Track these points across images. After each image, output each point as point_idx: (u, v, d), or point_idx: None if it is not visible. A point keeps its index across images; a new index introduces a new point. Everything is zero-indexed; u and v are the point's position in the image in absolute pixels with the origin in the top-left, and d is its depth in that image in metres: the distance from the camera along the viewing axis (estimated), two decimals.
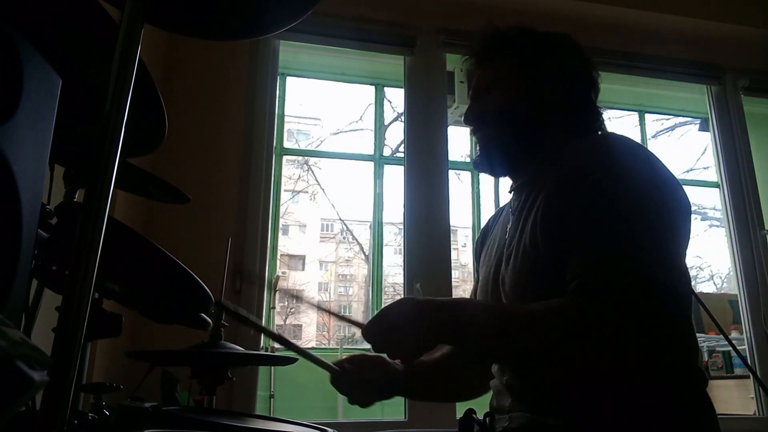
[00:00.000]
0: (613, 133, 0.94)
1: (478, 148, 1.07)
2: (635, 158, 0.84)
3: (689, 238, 0.84)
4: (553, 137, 0.99)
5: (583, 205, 0.80)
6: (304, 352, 0.97)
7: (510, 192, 1.08)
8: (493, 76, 1.05)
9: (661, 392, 0.77)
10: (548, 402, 0.85)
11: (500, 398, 0.95)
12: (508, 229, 1.00)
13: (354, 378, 1.01)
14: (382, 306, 2.75)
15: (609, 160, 0.83)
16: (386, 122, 3.80)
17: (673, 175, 0.85)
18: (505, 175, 1.09)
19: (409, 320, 0.80)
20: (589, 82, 1.04)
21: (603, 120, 1.04)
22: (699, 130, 3.39)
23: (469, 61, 1.10)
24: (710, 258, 5.61)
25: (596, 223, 0.78)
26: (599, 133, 1.02)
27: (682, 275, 0.79)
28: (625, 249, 0.75)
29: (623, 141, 0.87)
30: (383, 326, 0.82)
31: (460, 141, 3.20)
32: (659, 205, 0.80)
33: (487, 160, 1.05)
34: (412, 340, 0.80)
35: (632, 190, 0.79)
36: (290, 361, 1.13)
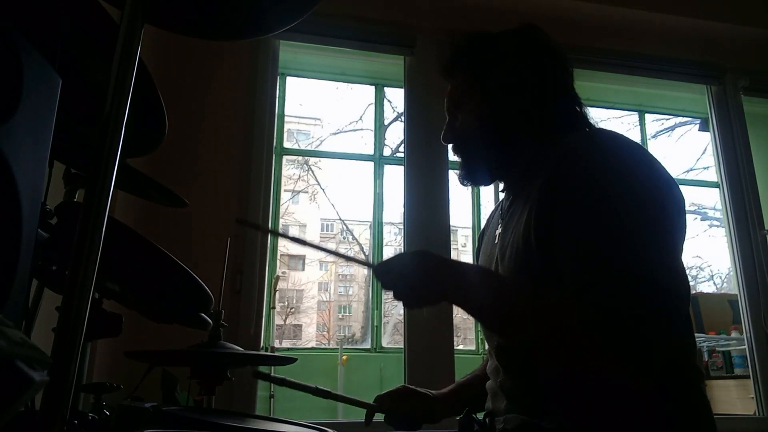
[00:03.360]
0: (604, 129, 0.93)
1: (461, 163, 1.07)
2: (630, 154, 0.84)
3: (685, 234, 0.84)
4: (533, 137, 0.98)
5: (578, 202, 0.79)
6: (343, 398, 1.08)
7: (502, 192, 1.08)
8: (456, 94, 1.05)
9: (656, 390, 0.77)
10: (543, 404, 0.84)
11: (495, 400, 0.95)
12: (498, 231, 1.00)
13: (397, 410, 1.07)
14: (382, 304, 2.74)
15: (604, 157, 0.82)
16: (386, 122, 3.79)
17: (667, 172, 0.84)
18: (490, 184, 1.10)
19: (417, 269, 0.83)
20: (559, 68, 1.00)
21: (583, 106, 1.01)
22: (699, 130, 3.38)
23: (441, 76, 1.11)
24: (710, 258, 5.60)
25: (592, 221, 0.77)
26: (587, 129, 0.99)
27: (679, 273, 0.79)
28: (623, 249, 0.75)
29: (617, 137, 0.86)
30: (393, 268, 0.84)
31: None
32: (656, 203, 0.80)
33: (469, 176, 1.05)
34: (416, 288, 0.82)
35: (629, 186, 0.79)
36: (290, 361, 1.13)
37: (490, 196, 2.98)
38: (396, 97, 3.62)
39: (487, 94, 0.99)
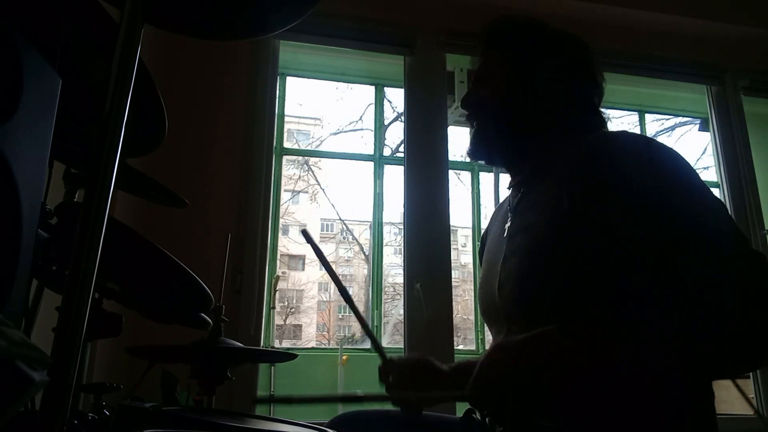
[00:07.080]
0: (627, 132, 0.90)
1: (471, 135, 1.06)
2: (670, 158, 0.80)
3: None
4: (548, 135, 0.98)
5: (653, 203, 0.74)
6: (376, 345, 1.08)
7: (509, 189, 1.07)
8: (491, 67, 1.05)
9: (656, 389, 0.77)
10: (543, 405, 0.84)
11: None
12: (507, 227, 0.99)
13: (405, 376, 1.05)
14: (382, 304, 2.73)
15: (649, 162, 0.78)
16: (386, 122, 3.80)
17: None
18: (495, 165, 1.09)
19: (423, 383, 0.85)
20: (590, 84, 1.01)
21: (605, 122, 1.01)
22: (699, 130, 3.39)
23: (476, 48, 1.10)
24: None
25: (680, 221, 0.73)
26: (604, 131, 0.99)
27: None
28: (725, 249, 0.71)
29: (650, 140, 0.83)
30: (402, 379, 0.85)
31: (460, 141, 3.19)
32: (719, 201, 0.76)
33: (477, 149, 1.05)
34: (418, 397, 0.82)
35: (696, 185, 0.76)
36: (290, 357, 1.14)
37: (490, 196, 2.98)
38: (396, 97, 3.62)
39: (520, 83, 0.99)
